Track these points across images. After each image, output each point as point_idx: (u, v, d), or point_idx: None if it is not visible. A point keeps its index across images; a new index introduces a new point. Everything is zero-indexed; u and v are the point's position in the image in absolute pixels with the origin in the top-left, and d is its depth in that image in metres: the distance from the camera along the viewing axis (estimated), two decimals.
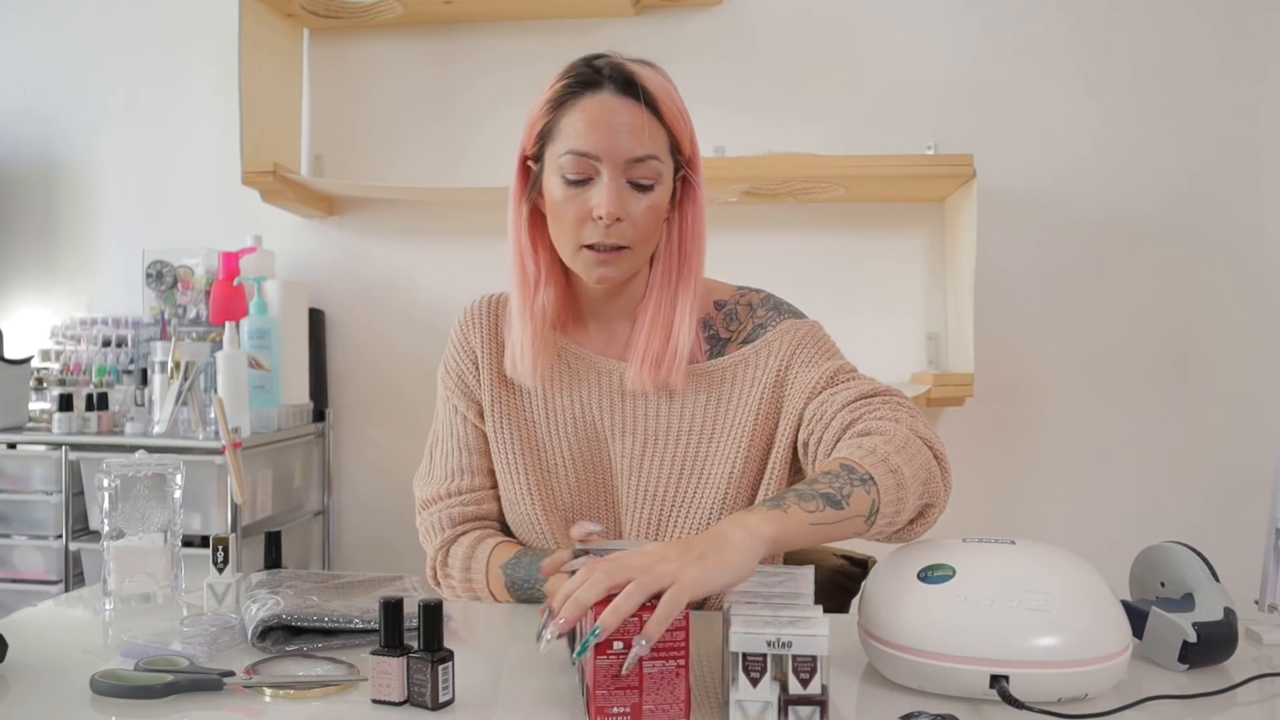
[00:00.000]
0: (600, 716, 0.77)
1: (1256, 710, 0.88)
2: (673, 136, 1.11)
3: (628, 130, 1.07)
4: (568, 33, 2.45)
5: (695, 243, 1.16)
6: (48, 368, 2.45)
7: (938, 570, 0.88)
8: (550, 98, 1.11)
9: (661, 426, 1.17)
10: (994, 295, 2.30)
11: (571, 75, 1.11)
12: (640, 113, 1.08)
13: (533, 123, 1.14)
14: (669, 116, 1.10)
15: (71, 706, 0.84)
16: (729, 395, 1.16)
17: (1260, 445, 2.25)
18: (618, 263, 1.10)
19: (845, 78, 2.38)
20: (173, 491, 1.16)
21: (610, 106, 1.08)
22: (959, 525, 2.52)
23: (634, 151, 1.07)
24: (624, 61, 1.10)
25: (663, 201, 1.11)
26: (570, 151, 1.08)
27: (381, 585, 1.11)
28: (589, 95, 1.09)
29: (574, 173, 1.08)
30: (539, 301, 1.16)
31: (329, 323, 2.54)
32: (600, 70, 1.09)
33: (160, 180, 2.60)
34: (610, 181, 1.07)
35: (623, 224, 1.08)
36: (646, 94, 1.08)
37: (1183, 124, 2.30)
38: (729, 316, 1.20)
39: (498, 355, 1.22)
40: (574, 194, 1.09)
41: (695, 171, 1.15)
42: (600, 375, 1.18)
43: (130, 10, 2.60)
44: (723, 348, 1.19)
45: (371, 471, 2.55)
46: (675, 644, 0.77)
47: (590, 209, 1.08)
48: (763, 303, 1.21)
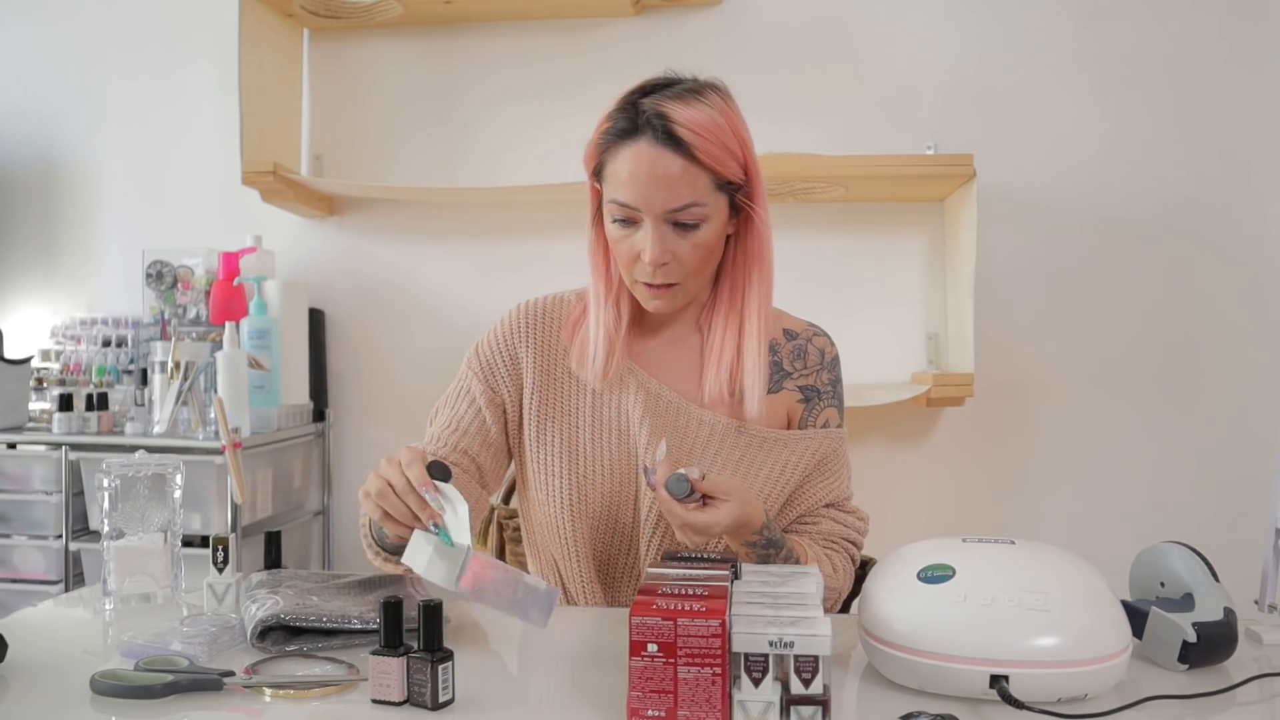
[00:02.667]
0: (634, 719, 0.77)
1: (1256, 710, 0.88)
2: (716, 174, 1.11)
3: (664, 183, 1.08)
4: (568, 33, 2.45)
5: (758, 259, 1.19)
6: (48, 368, 2.45)
7: (938, 570, 0.88)
8: (597, 141, 1.13)
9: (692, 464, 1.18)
10: (994, 295, 2.30)
11: (614, 119, 1.12)
12: (676, 164, 1.08)
13: (587, 159, 1.17)
14: (708, 159, 1.09)
15: (71, 706, 0.84)
16: (760, 461, 1.20)
17: (1260, 446, 2.25)
18: (670, 297, 1.15)
19: (845, 78, 2.38)
20: (173, 491, 1.16)
21: (649, 159, 1.08)
22: (959, 525, 2.54)
23: (670, 204, 1.09)
24: (665, 105, 1.09)
25: (711, 236, 1.13)
26: (613, 200, 1.11)
27: (381, 585, 1.11)
28: (629, 144, 1.10)
29: (620, 216, 1.12)
30: (610, 312, 1.20)
31: (329, 323, 2.54)
32: (641, 114, 1.09)
33: (160, 180, 2.60)
34: (653, 230, 1.10)
35: (670, 266, 1.12)
36: (682, 144, 1.08)
37: (1184, 124, 2.30)
38: (797, 353, 1.25)
39: (548, 358, 1.23)
40: (624, 234, 1.13)
41: (755, 193, 1.16)
42: (650, 397, 1.20)
43: (130, 10, 2.60)
44: (780, 382, 1.24)
45: (371, 471, 2.54)
46: (711, 651, 0.77)
47: (638, 251, 1.11)
48: (830, 365, 1.27)
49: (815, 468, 1.23)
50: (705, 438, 1.20)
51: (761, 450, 1.20)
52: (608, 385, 1.21)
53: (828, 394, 1.25)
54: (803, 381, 1.24)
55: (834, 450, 1.25)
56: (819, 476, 1.23)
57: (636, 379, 1.21)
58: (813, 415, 1.24)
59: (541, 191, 2.25)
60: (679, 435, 1.19)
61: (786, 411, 1.24)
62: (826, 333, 1.29)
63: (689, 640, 0.76)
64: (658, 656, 0.76)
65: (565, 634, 1.07)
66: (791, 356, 1.25)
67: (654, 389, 1.20)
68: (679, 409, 1.20)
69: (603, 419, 1.21)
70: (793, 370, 1.24)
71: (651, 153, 1.08)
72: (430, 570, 0.91)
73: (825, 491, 1.24)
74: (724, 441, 1.20)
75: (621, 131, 1.10)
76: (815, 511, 1.24)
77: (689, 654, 0.76)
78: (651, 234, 1.10)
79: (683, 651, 0.77)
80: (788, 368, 1.24)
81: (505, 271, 2.44)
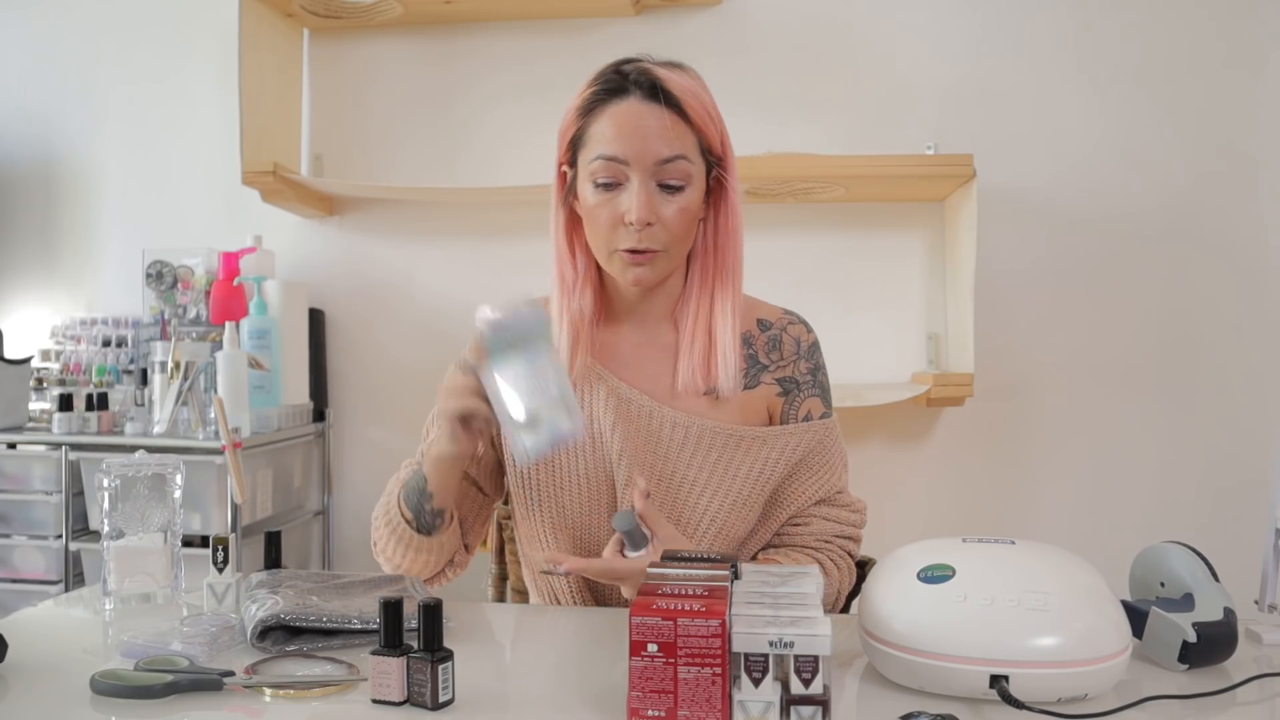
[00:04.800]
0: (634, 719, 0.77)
1: (1256, 710, 0.88)
2: (701, 136, 1.12)
3: (655, 133, 1.09)
4: (568, 33, 2.45)
5: (731, 240, 1.18)
6: (48, 368, 2.45)
7: (938, 570, 0.88)
8: (579, 105, 1.14)
9: (668, 469, 1.17)
10: (994, 295, 2.30)
11: (600, 83, 1.13)
12: (666, 116, 1.09)
13: (564, 130, 1.16)
14: (696, 117, 1.11)
15: (71, 706, 0.84)
16: (739, 461, 1.17)
17: (1260, 445, 2.25)
18: (652, 264, 1.13)
19: (845, 78, 2.38)
20: (173, 491, 1.16)
21: (637, 112, 1.10)
22: (959, 525, 2.53)
23: (662, 153, 1.09)
24: (651, 66, 1.12)
25: (694, 202, 1.13)
26: (600, 157, 1.10)
27: (381, 585, 1.11)
28: (616, 102, 1.11)
29: (605, 177, 1.11)
30: (577, 303, 1.18)
31: (329, 323, 2.54)
32: (627, 76, 1.11)
33: (160, 180, 2.60)
34: (640, 186, 1.09)
35: (654, 228, 1.10)
36: (671, 97, 1.10)
37: (1184, 124, 2.30)
38: (772, 343, 1.22)
39: None
40: (606, 199, 1.11)
41: (728, 170, 1.16)
42: (621, 403, 1.18)
43: (130, 10, 2.60)
44: (758, 375, 1.20)
45: (371, 471, 2.55)
46: (711, 651, 0.77)
47: (621, 214, 1.10)
48: (808, 353, 1.23)
49: (800, 463, 1.19)
50: (680, 441, 1.16)
51: (739, 450, 1.17)
52: (578, 392, 1.18)
53: (808, 384, 1.22)
54: (780, 374, 1.21)
55: (820, 442, 1.21)
56: (805, 472, 1.20)
57: (606, 384, 1.18)
58: (794, 408, 1.21)
59: (542, 191, 2.22)
60: (651, 440, 1.17)
61: (766, 406, 1.21)
62: (803, 319, 1.26)
63: (689, 640, 0.76)
64: (658, 656, 0.76)
65: (564, 634, 1.07)
66: (767, 348, 1.21)
67: (624, 393, 1.18)
68: (650, 413, 1.17)
69: None
70: (769, 363, 1.21)
71: (641, 107, 1.10)
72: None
73: (815, 487, 1.20)
74: (699, 444, 1.16)
75: (608, 92, 1.11)
76: (805, 512, 1.20)
77: (689, 654, 0.76)
78: (639, 190, 1.09)
79: (683, 651, 0.77)
80: (764, 360, 1.21)
81: (505, 271, 2.44)
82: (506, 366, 0.97)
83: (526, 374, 0.96)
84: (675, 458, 1.17)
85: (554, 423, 0.97)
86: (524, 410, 0.97)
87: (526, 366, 0.95)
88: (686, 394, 1.18)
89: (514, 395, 0.97)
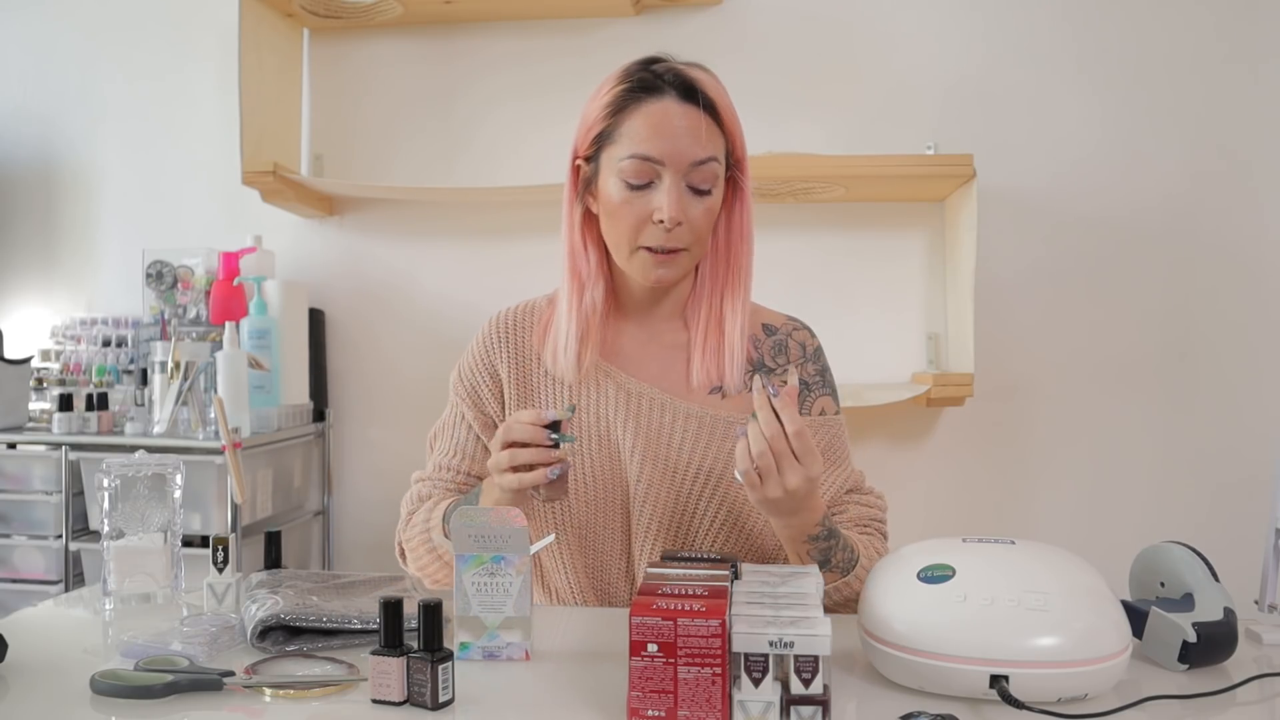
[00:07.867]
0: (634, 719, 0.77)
1: (1256, 710, 0.88)
2: (729, 139, 1.13)
3: (690, 134, 1.09)
4: (568, 33, 2.45)
5: (743, 242, 1.19)
6: (48, 368, 2.45)
7: (938, 570, 0.88)
8: (610, 101, 1.13)
9: (682, 462, 1.17)
10: (994, 295, 2.30)
11: (631, 80, 1.12)
12: (701, 118, 1.10)
13: (589, 125, 1.15)
14: (727, 121, 1.13)
15: (71, 706, 0.84)
16: None
17: (1260, 445, 2.25)
18: (675, 264, 1.13)
19: (845, 78, 2.38)
20: (173, 491, 1.16)
21: (673, 112, 1.10)
22: (959, 525, 2.53)
23: (696, 155, 1.09)
24: (682, 68, 1.12)
25: (718, 204, 1.14)
26: (633, 156, 1.10)
27: (381, 585, 1.12)
28: (651, 100, 1.11)
29: (635, 177, 1.10)
30: (588, 299, 1.18)
31: (329, 323, 2.54)
32: (661, 76, 1.11)
33: (160, 180, 2.60)
34: (672, 186, 1.09)
35: (682, 228, 1.11)
36: (707, 99, 1.11)
37: (1183, 124, 2.30)
38: (778, 348, 1.23)
39: (523, 366, 1.22)
40: (633, 197, 1.11)
41: (744, 173, 1.17)
42: (631, 398, 1.18)
43: (130, 10, 2.60)
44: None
45: (371, 471, 2.55)
46: (711, 651, 0.77)
47: (650, 212, 1.10)
48: (814, 357, 1.24)
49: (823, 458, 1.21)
50: (694, 432, 1.17)
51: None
52: (585, 391, 1.18)
53: (817, 384, 1.23)
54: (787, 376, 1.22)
55: (836, 437, 1.23)
56: (831, 467, 1.21)
57: (614, 381, 1.18)
58: (807, 408, 1.22)
59: (542, 191, 2.25)
60: (664, 434, 1.17)
61: None
62: (807, 325, 1.27)
63: (689, 640, 0.76)
64: (658, 656, 0.76)
65: (564, 634, 1.07)
66: (773, 352, 1.23)
67: (634, 388, 1.18)
68: (663, 405, 1.17)
69: (582, 426, 1.19)
70: (775, 366, 1.22)
71: (678, 107, 1.10)
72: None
73: (842, 479, 1.22)
74: (713, 435, 1.17)
75: (642, 90, 1.11)
76: (839, 500, 1.22)
77: (689, 654, 0.76)
78: (670, 190, 1.09)
79: (683, 651, 0.77)
80: (770, 364, 1.22)
81: (505, 271, 2.44)
82: (474, 570, 0.97)
83: (489, 584, 0.96)
84: (690, 450, 1.17)
85: (494, 637, 0.96)
86: (474, 613, 0.96)
87: (489, 578, 0.96)
88: (699, 390, 1.18)
89: (474, 596, 0.96)
